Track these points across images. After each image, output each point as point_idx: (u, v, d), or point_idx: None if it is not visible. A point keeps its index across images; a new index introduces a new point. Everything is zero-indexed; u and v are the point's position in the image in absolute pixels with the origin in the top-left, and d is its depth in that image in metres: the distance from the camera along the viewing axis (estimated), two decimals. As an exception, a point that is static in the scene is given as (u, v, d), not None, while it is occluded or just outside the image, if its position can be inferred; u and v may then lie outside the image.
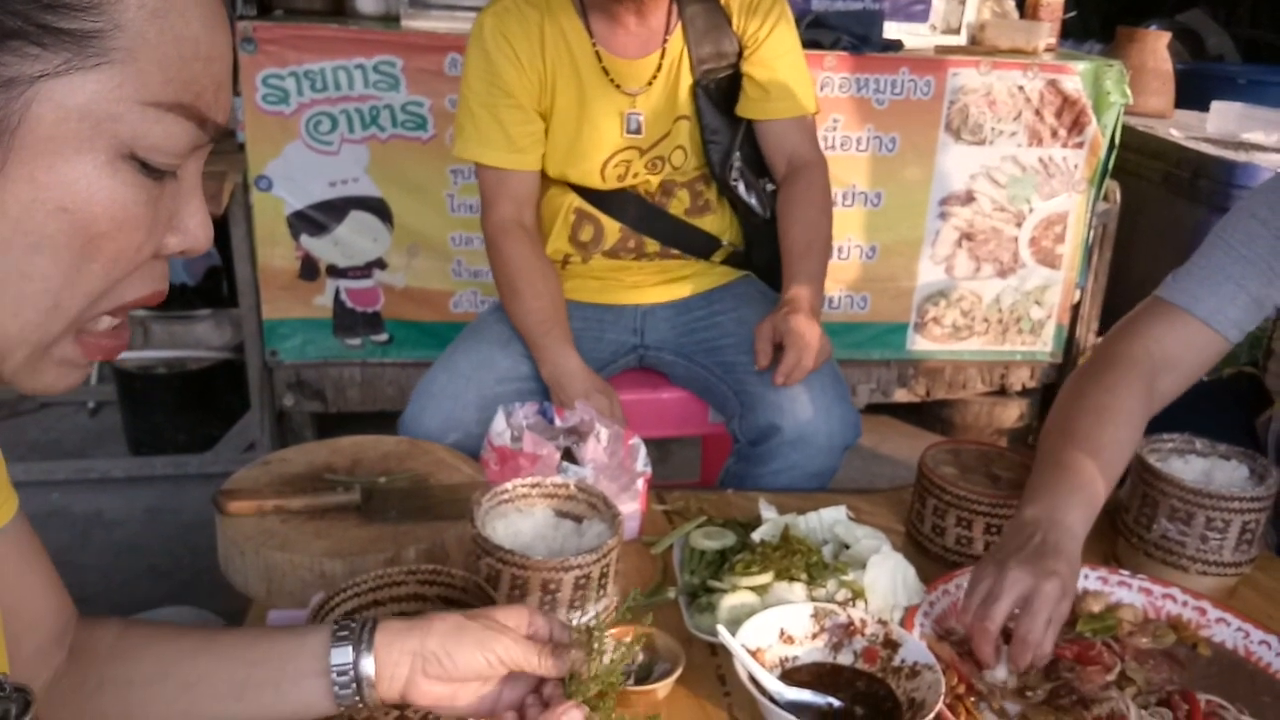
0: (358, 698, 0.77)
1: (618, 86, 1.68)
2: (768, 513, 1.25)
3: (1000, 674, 1.04)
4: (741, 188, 1.79)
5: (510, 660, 0.79)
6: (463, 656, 0.78)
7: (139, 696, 0.76)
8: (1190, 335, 1.26)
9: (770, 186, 1.82)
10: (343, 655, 0.76)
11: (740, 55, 1.73)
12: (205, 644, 0.79)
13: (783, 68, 1.73)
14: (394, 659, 0.77)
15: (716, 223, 1.84)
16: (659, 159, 1.74)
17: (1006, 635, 1.04)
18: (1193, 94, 3.51)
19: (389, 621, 0.79)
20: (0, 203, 0.50)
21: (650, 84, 1.69)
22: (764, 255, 1.86)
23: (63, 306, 0.54)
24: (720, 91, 1.74)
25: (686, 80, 1.71)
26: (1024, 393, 3.15)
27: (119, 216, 0.53)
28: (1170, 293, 1.29)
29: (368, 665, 0.76)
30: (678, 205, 1.80)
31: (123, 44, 0.51)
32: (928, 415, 3.26)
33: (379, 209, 2.63)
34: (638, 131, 1.71)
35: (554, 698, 0.79)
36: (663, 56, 1.69)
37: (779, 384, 1.57)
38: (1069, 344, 3.08)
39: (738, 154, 1.77)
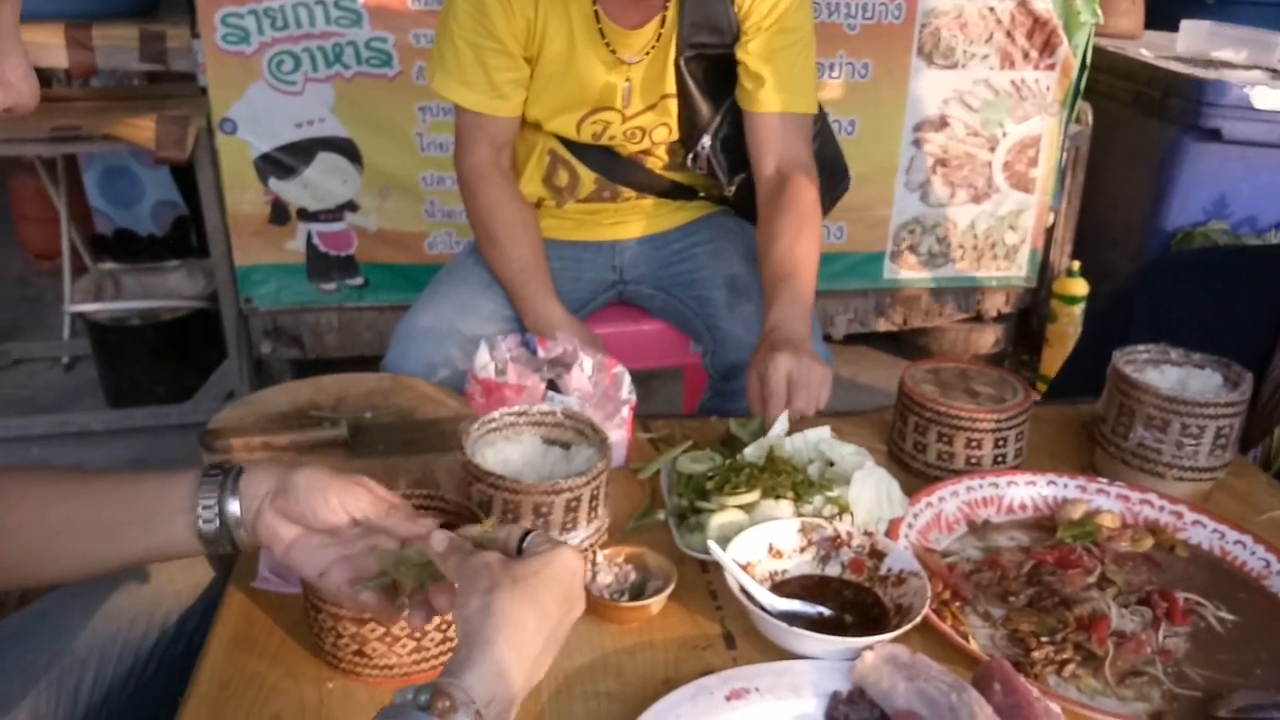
0: (222, 535, 0.81)
1: (613, 52, 1.58)
2: (753, 434, 1.26)
3: None
4: (712, 169, 1.70)
5: (355, 509, 0.83)
6: (305, 495, 0.81)
7: (10, 544, 0.78)
8: None
9: (742, 172, 1.71)
10: (209, 495, 0.80)
11: (736, 37, 1.61)
12: (77, 488, 0.81)
13: (782, 59, 1.59)
14: (258, 496, 0.81)
15: (694, 177, 1.78)
16: (639, 129, 1.67)
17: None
18: (1161, 13, 3.49)
19: (255, 465, 0.84)
20: None
21: (647, 54, 1.60)
22: (741, 200, 1.79)
23: None
24: (709, 70, 1.63)
25: (675, 54, 1.60)
26: (999, 318, 3.17)
27: None
28: None
29: (233, 505, 0.80)
30: (655, 162, 1.75)
31: None
32: (905, 344, 3.28)
33: (347, 150, 2.59)
34: (626, 103, 1.63)
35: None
36: (662, 25, 1.58)
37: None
38: (1043, 268, 3.10)
39: (706, 139, 1.67)
